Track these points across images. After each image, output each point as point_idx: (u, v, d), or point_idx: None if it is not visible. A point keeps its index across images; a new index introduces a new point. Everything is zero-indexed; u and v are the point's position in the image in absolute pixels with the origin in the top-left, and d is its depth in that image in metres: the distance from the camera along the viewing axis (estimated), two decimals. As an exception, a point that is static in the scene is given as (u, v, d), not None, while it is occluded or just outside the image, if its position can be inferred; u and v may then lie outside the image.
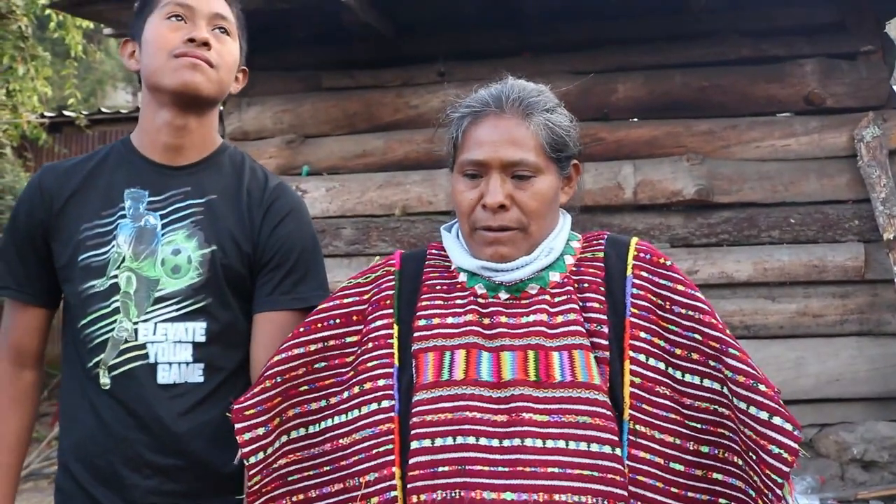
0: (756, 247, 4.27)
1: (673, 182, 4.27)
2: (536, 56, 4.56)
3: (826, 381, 4.15)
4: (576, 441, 1.16)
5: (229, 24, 1.54)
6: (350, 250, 4.57)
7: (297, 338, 1.37)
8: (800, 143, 4.30)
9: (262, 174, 1.59)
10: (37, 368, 1.60)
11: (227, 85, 1.54)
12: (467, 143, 1.31)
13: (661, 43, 4.43)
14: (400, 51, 4.65)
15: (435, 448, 1.18)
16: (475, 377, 1.22)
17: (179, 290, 1.45)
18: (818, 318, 4.20)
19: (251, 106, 4.77)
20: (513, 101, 1.30)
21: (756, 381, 1.20)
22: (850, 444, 4.04)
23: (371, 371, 1.30)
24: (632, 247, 1.34)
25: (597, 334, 1.25)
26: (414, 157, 4.57)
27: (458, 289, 1.33)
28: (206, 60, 1.46)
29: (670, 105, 4.40)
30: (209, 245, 1.47)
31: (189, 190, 1.51)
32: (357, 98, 4.68)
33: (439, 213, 4.50)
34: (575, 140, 1.35)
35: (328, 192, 4.62)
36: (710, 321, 1.26)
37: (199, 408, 1.46)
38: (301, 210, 1.58)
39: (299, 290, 1.51)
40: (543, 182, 1.29)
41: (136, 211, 1.49)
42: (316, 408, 1.35)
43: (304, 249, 1.53)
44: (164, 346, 1.44)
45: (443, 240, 1.41)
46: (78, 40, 7.31)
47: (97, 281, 1.46)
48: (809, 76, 4.30)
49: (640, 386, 1.23)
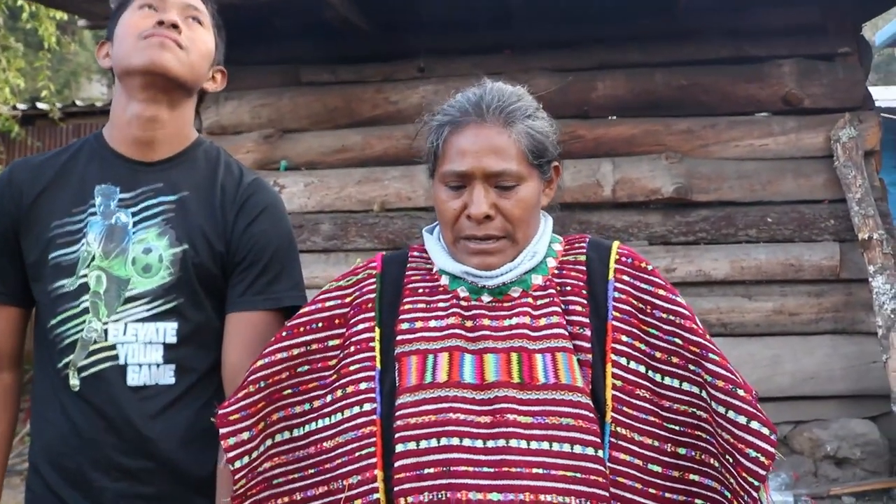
0: (733, 245, 4.30)
1: (652, 180, 4.29)
2: (517, 53, 4.57)
3: (801, 378, 4.19)
4: (559, 442, 1.16)
5: (202, 16, 1.51)
6: (328, 246, 4.54)
7: (280, 342, 1.35)
8: (777, 142, 4.34)
9: (238, 170, 1.54)
10: (15, 370, 1.54)
11: (199, 71, 1.49)
12: (448, 152, 1.29)
13: (643, 41, 4.45)
14: (380, 46, 4.63)
15: (420, 450, 1.18)
16: (458, 379, 1.22)
17: (150, 290, 1.42)
18: (794, 316, 4.24)
19: (229, 100, 4.72)
20: (494, 109, 1.27)
21: (735, 385, 1.21)
22: (824, 440, 4.09)
23: (353, 374, 1.29)
24: (613, 250, 1.34)
25: (579, 337, 1.25)
26: (393, 152, 4.55)
27: (440, 292, 1.32)
28: (175, 41, 1.43)
29: (650, 103, 4.42)
30: (180, 244, 1.44)
31: (161, 186, 1.47)
32: (336, 93, 4.65)
33: (418, 208, 4.49)
34: (555, 143, 1.34)
35: (306, 187, 4.59)
36: (691, 326, 1.26)
37: (170, 409, 1.42)
38: (276, 207, 1.53)
39: (273, 290, 1.47)
40: (527, 189, 1.28)
41: (106, 208, 1.44)
42: (300, 411, 1.33)
43: (279, 248, 1.49)
44: (134, 347, 1.41)
45: (425, 242, 1.40)
46: (51, 31, 7.21)
47: (67, 280, 1.42)
48: (787, 77, 4.34)
49: (621, 389, 1.23)
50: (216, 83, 1.58)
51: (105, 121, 1.58)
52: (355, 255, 4.51)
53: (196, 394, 1.44)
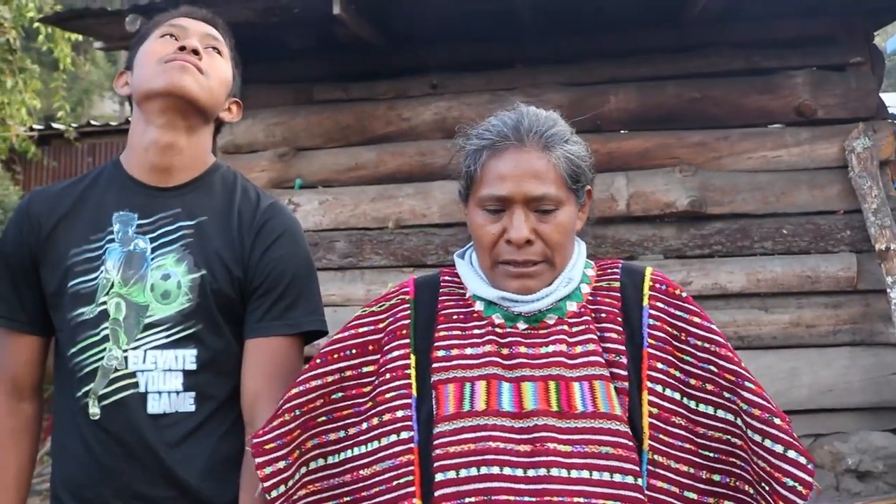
0: (749, 258, 4.28)
1: (666, 193, 4.28)
2: (529, 68, 4.58)
3: (819, 391, 4.16)
4: (599, 471, 1.17)
5: (221, 46, 1.55)
6: (343, 263, 4.55)
7: (314, 369, 1.36)
8: (791, 154, 4.32)
9: (255, 194, 1.55)
10: (35, 400, 1.53)
11: (217, 98, 1.51)
12: (487, 176, 1.29)
13: (654, 55, 4.45)
14: (392, 63, 4.66)
15: (460, 479, 1.18)
16: (496, 407, 1.22)
17: (169, 317, 1.41)
18: (811, 328, 4.22)
19: (242, 119, 4.70)
20: (533, 134, 1.29)
21: (771, 414, 1.21)
22: (845, 454, 4.05)
23: (389, 402, 1.30)
24: (647, 277, 1.34)
25: (615, 364, 1.25)
26: (406, 169, 4.56)
27: (474, 318, 1.32)
28: (195, 65, 1.45)
29: (662, 116, 4.42)
30: (199, 269, 1.43)
31: (179, 212, 1.47)
32: (349, 111, 4.67)
33: (432, 225, 4.50)
34: (590, 168, 1.35)
35: (321, 205, 4.61)
36: (726, 354, 1.27)
37: (191, 437, 1.42)
38: (294, 232, 1.53)
39: (290, 316, 1.47)
40: (565, 214, 1.28)
41: (124, 235, 1.45)
42: (334, 438, 1.34)
43: (297, 273, 1.48)
44: (154, 375, 1.40)
45: (457, 267, 1.40)
46: (67, 52, 7.29)
47: (86, 308, 1.42)
48: (800, 87, 4.33)
49: (657, 416, 1.24)
50: (232, 114, 1.59)
51: (119, 139, 1.61)
52: (370, 273, 4.52)
53: (217, 421, 1.45)
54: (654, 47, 4.45)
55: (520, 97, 4.77)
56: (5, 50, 6.92)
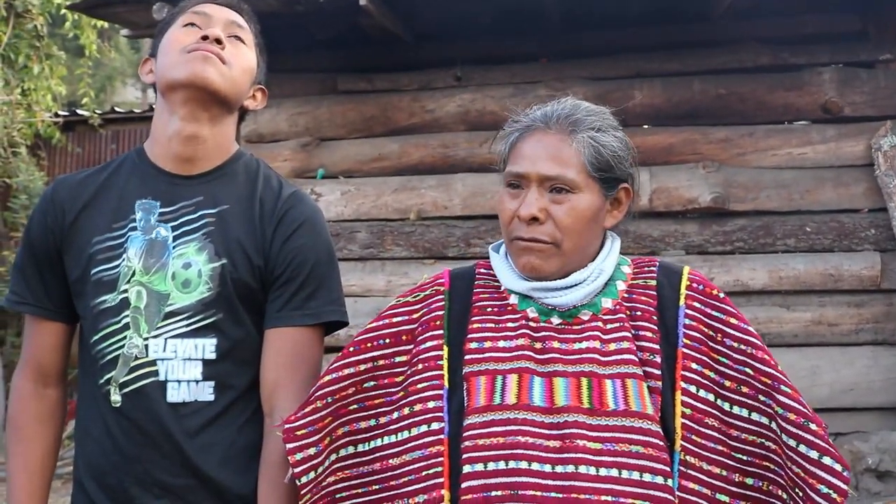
0: (771, 255, 4.26)
1: (689, 189, 4.26)
2: (554, 62, 4.57)
3: (840, 390, 4.14)
4: (629, 470, 1.17)
5: (245, 34, 1.53)
6: (364, 254, 4.57)
7: (347, 357, 1.38)
8: (817, 151, 4.29)
9: (277, 182, 1.53)
10: (60, 386, 1.54)
11: (240, 87, 1.50)
12: (512, 156, 1.33)
13: (680, 50, 4.43)
14: (417, 55, 4.66)
15: (487, 472, 1.18)
16: (527, 402, 1.22)
17: (190, 305, 1.41)
18: (833, 326, 4.19)
19: (266, 108, 4.72)
20: (559, 118, 1.31)
21: (807, 419, 1.21)
22: (865, 453, 4.04)
23: (421, 393, 1.31)
24: (684, 276, 1.34)
25: (649, 363, 1.25)
26: (429, 161, 4.57)
27: (508, 311, 1.33)
28: (217, 55, 1.43)
29: (687, 112, 4.39)
30: (219, 258, 1.43)
31: (201, 200, 1.46)
32: (373, 101, 4.68)
33: (454, 217, 4.51)
34: (625, 161, 1.34)
35: (343, 195, 4.63)
36: (763, 357, 1.27)
37: (211, 426, 1.42)
38: (316, 221, 1.51)
39: (310, 306, 1.45)
40: (582, 200, 1.28)
41: (146, 223, 1.45)
42: (365, 426, 1.36)
43: (318, 262, 1.47)
44: (173, 364, 1.40)
45: (491, 260, 1.41)
46: (93, 39, 7.34)
47: (108, 296, 1.42)
48: (827, 84, 4.30)
49: (690, 417, 1.24)
50: (256, 101, 1.58)
51: (142, 126, 1.62)
52: (391, 264, 4.54)
53: (237, 410, 1.45)
54: (680, 42, 4.42)
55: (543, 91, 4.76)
56: (32, 36, 6.98)
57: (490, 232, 4.44)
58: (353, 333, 4.72)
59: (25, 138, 6.99)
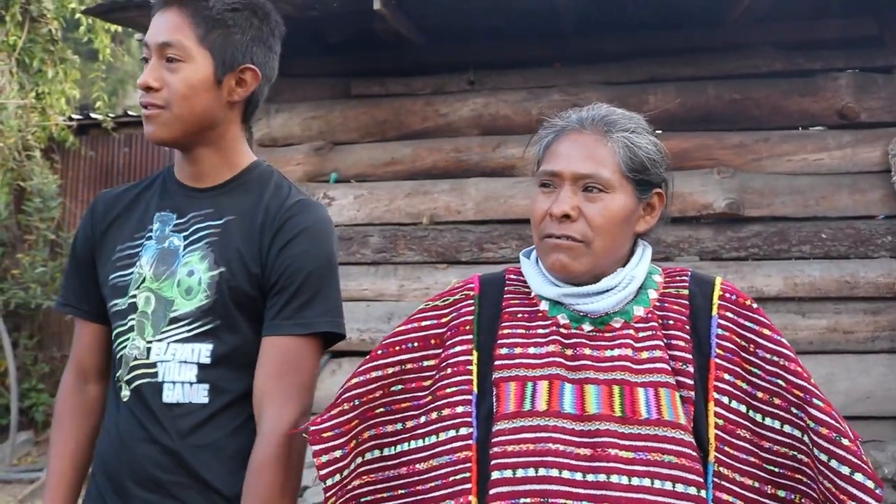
0: (786, 261, 4.23)
1: (703, 195, 4.24)
2: (568, 66, 4.56)
3: (856, 398, 4.10)
4: (661, 480, 1.16)
5: (179, 50, 1.44)
6: (377, 258, 4.57)
7: (375, 360, 1.38)
8: (832, 157, 4.26)
9: (287, 191, 1.54)
10: (100, 382, 1.64)
11: (192, 114, 1.46)
12: (546, 156, 1.34)
13: (695, 55, 4.40)
14: (430, 59, 4.66)
15: (516, 479, 1.17)
16: (558, 409, 1.21)
17: (190, 312, 1.46)
18: (849, 334, 4.16)
19: (280, 112, 4.78)
20: (594, 119, 1.32)
21: (840, 434, 1.19)
22: (881, 463, 3.99)
23: (449, 397, 1.31)
24: (717, 286, 1.33)
25: (682, 373, 1.24)
26: (442, 165, 4.57)
27: (539, 317, 1.32)
28: (152, 105, 1.45)
29: (702, 117, 4.37)
30: (217, 267, 1.46)
31: (211, 212, 1.51)
32: (386, 105, 4.68)
33: (467, 222, 4.50)
34: (660, 166, 1.34)
35: (356, 199, 4.63)
36: (796, 369, 1.26)
37: (203, 428, 1.46)
38: (317, 229, 1.50)
39: (303, 316, 1.45)
40: (615, 200, 1.28)
41: (161, 233, 1.52)
42: (391, 430, 1.35)
43: (313, 272, 1.46)
44: (170, 365, 1.46)
45: (521, 266, 1.40)
46: (106, 43, 7.37)
47: (120, 300, 1.51)
48: (843, 90, 4.26)
49: (723, 428, 1.23)
50: (245, 86, 1.52)
51: None
52: (404, 268, 4.53)
53: (231, 414, 1.47)
54: (694, 47, 4.40)
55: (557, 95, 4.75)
56: (47, 40, 7.01)
57: (503, 237, 4.43)
58: (365, 338, 4.73)
59: (39, 142, 7.01)
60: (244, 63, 1.50)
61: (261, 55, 1.54)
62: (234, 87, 1.50)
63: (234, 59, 1.49)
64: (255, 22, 1.53)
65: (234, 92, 1.51)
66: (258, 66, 1.52)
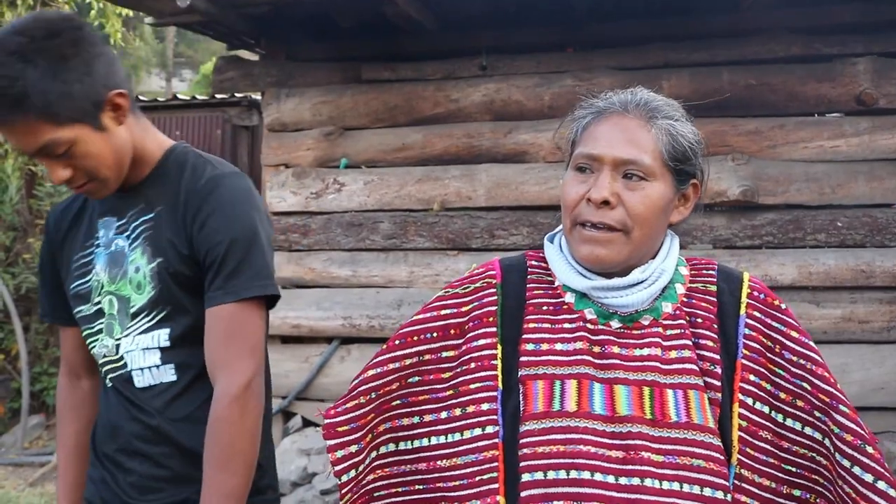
0: (801, 250, 4.18)
1: (717, 182, 4.19)
2: (580, 51, 4.51)
3: (871, 388, 4.06)
4: (690, 484, 1.13)
5: (57, 143, 1.41)
6: (387, 245, 4.55)
7: (392, 351, 1.33)
8: (849, 144, 4.20)
9: (202, 170, 1.56)
10: (91, 377, 1.76)
11: (121, 163, 1.50)
12: (585, 138, 1.27)
13: (709, 39, 4.34)
14: (442, 44, 4.61)
15: (548, 481, 1.14)
16: (588, 410, 1.18)
17: (144, 305, 1.55)
18: (864, 324, 4.11)
19: (290, 97, 4.75)
20: (637, 103, 1.26)
21: (864, 441, 1.17)
22: (895, 454, 3.95)
23: (474, 394, 1.26)
24: (745, 284, 1.29)
25: (710, 374, 1.21)
26: (453, 151, 4.53)
27: (564, 310, 1.27)
28: (82, 190, 1.51)
29: (716, 103, 4.30)
30: (155, 258, 1.53)
31: (143, 206, 1.57)
32: (397, 91, 4.64)
33: (478, 208, 4.47)
34: (699, 156, 1.29)
35: (366, 185, 4.60)
36: (823, 374, 1.22)
37: (176, 402, 1.56)
38: (231, 201, 1.52)
39: (231, 285, 1.50)
40: (655, 188, 1.22)
41: (106, 238, 1.59)
42: (408, 423, 1.31)
43: (234, 241, 1.50)
44: (135, 355, 1.56)
45: (545, 251, 1.35)
46: (118, 28, 7.36)
47: (84, 306, 1.60)
48: (862, 75, 4.19)
49: (746, 430, 1.21)
50: (120, 109, 1.49)
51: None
52: (414, 255, 4.51)
53: (200, 386, 1.55)
54: (709, 32, 4.33)
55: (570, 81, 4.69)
56: (58, 24, 6.99)
57: (514, 223, 4.39)
58: (374, 324, 4.72)
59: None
60: (109, 91, 1.47)
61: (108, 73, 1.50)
62: (112, 117, 1.49)
63: (98, 95, 1.45)
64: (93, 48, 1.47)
65: (113, 121, 1.49)
66: (123, 89, 1.51)
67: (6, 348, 6.66)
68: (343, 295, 4.59)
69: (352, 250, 4.63)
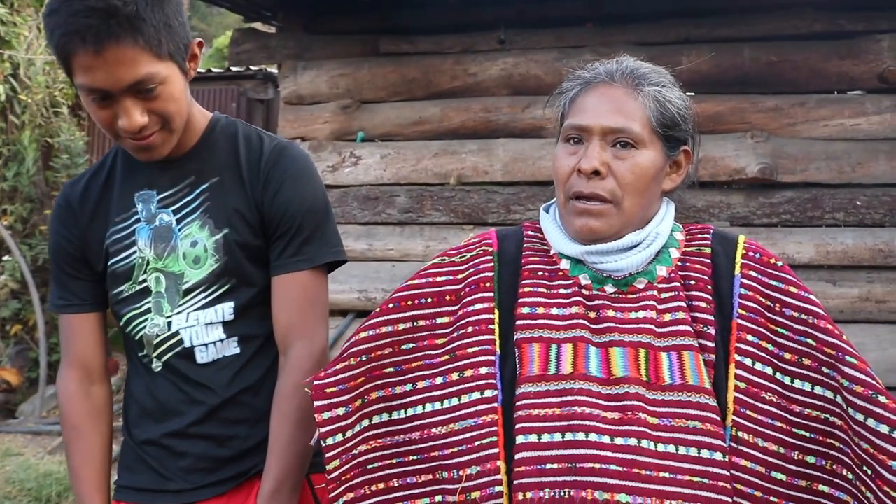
0: (819, 228, 4.16)
1: (736, 159, 4.16)
2: (600, 26, 4.47)
3: (886, 368, 4.03)
4: (686, 446, 1.13)
5: (153, 78, 1.36)
6: (403, 218, 4.55)
7: (386, 314, 1.32)
8: (870, 122, 4.16)
9: (258, 140, 1.56)
10: (104, 383, 1.63)
11: (183, 116, 1.46)
12: (573, 110, 1.29)
13: (730, 15, 4.29)
14: (460, 17, 4.57)
15: (542, 444, 1.14)
16: (584, 372, 1.17)
17: (203, 279, 1.51)
18: (881, 304, 4.09)
19: (307, 70, 4.73)
20: (623, 72, 1.27)
21: (876, 392, 1.13)
22: (909, 433, 3.95)
23: (472, 358, 1.25)
24: (740, 245, 1.29)
25: (704, 336, 1.20)
26: (471, 125, 4.51)
27: (559, 276, 1.27)
28: (150, 145, 1.43)
29: (737, 80, 4.27)
30: (220, 229, 1.50)
31: (193, 179, 1.53)
32: (415, 64, 4.62)
33: (494, 183, 4.46)
34: (688, 122, 1.29)
35: (383, 158, 4.59)
36: (826, 326, 1.19)
37: (241, 374, 1.53)
38: (300, 170, 1.55)
39: (305, 251, 1.52)
40: (645, 156, 1.23)
41: (148, 212, 1.53)
42: (401, 392, 1.29)
43: (309, 211, 1.53)
44: (196, 330, 1.51)
45: (541, 221, 1.36)
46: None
47: (125, 285, 1.54)
48: (886, 53, 4.14)
49: (744, 391, 1.18)
50: (197, 59, 1.49)
51: None
52: (430, 229, 4.51)
53: (262, 355, 1.55)
54: (730, 7, 4.28)
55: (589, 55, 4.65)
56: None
57: (531, 198, 4.38)
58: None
59: (67, 98, 7.03)
60: (188, 40, 1.46)
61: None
62: (190, 68, 1.47)
63: (188, 38, 1.45)
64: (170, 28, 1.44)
65: (191, 70, 1.48)
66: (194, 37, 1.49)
67: (24, 319, 6.72)
68: (359, 268, 4.59)
69: (368, 224, 4.63)
